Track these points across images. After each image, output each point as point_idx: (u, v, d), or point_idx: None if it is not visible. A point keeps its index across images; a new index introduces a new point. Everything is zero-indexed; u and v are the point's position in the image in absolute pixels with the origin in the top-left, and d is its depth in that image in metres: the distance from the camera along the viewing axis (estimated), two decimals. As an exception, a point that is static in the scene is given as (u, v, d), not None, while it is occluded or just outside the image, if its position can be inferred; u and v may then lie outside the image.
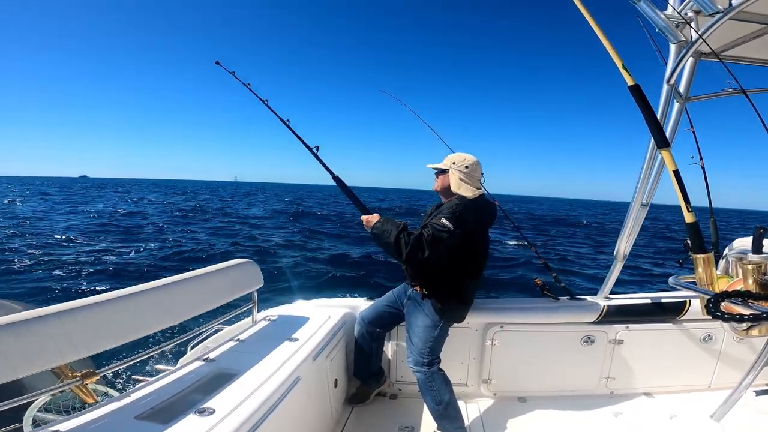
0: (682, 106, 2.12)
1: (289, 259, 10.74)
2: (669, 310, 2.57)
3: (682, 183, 1.65)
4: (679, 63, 1.93)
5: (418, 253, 1.93)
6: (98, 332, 1.34)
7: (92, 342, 1.32)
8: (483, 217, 2.16)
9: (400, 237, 1.95)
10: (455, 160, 2.18)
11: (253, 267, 2.28)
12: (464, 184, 2.14)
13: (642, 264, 11.82)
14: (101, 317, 1.37)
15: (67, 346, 1.25)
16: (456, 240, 1.98)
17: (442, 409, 2.11)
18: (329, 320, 2.40)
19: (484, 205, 2.19)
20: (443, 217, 1.97)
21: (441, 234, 1.94)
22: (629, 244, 2.46)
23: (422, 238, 1.94)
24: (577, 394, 2.62)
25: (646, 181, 2.26)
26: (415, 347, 2.16)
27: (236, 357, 1.85)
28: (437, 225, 1.95)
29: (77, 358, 1.28)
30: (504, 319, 2.53)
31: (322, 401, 2.17)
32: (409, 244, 1.92)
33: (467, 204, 2.05)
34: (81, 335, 1.29)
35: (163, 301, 1.62)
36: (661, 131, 1.79)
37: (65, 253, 10.71)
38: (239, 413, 1.36)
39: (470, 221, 2.02)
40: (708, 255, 1.63)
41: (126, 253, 10.97)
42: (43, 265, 9.06)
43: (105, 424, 1.28)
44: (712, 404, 1.78)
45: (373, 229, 2.07)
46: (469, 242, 2.06)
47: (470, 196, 2.10)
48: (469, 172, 2.15)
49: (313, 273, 9.28)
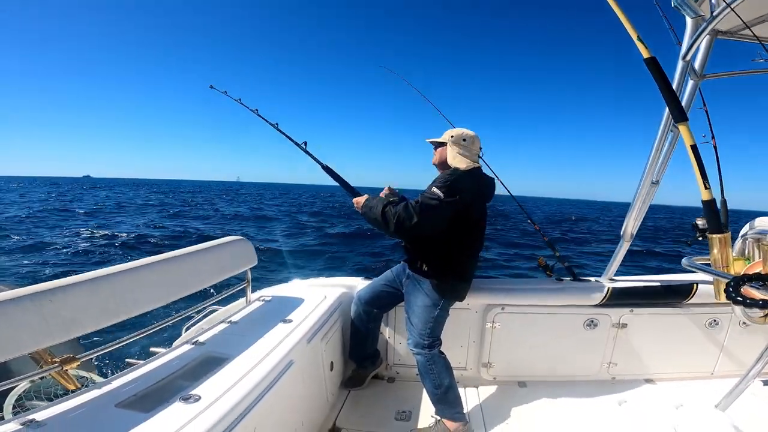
0: (697, 83, 2.04)
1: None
2: (675, 293, 2.49)
3: (699, 158, 1.55)
4: (696, 39, 1.82)
5: (406, 221, 1.88)
6: (76, 315, 1.25)
7: (69, 326, 1.23)
8: (479, 189, 2.08)
9: (386, 209, 1.95)
10: (453, 134, 2.12)
11: (246, 244, 2.19)
12: (460, 157, 2.07)
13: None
14: (79, 299, 1.28)
15: (42, 331, 1.16)
16: (448, 210, 1.91)
17: (441, 393, 2.06)
18: (325, 300, 2.32)
19: (480, 177, 2.12)
20: (434, 186, 1.92)
21: (430, 201, 1.88)
22: (637, 224, 2.36)
23: (409, 206, 1.90)
24: (579, 379, 2.57)
25: (658, 157, 2.14)
26: (415, 328, 2.10)
27: (227, 340, 1.78)
28: (427, 193, 1.92)
29: (52, 343, 1.20)
30: (505, 301, 2.45)
31: (317, 385, 2.11)
32: (396, 214, 1.90)
33: (461, 174, 1.98)
34: (57, 318, 1.20)
35: (148, 281, 1.53)
36: (679, 105, 1.69)
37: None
38: (227, 400, 1.29)
39: (465, 192, 1.94)
40: (725, 235, 1.54)
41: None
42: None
43: (83, 413, 1.21)
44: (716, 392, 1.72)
45: (362, 208, 2.09)
46: (463, 214, 1.98)
47: (464, 168, 2.02)
48: (466, 146, 2.09)
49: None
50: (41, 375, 1.33)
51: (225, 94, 2.68)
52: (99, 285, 1.35)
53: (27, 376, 1.28)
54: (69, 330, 1.23)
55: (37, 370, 1.32)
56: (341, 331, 2.49)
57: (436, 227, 1.96)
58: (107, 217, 21.01)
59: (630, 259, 9.59)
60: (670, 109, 1.66)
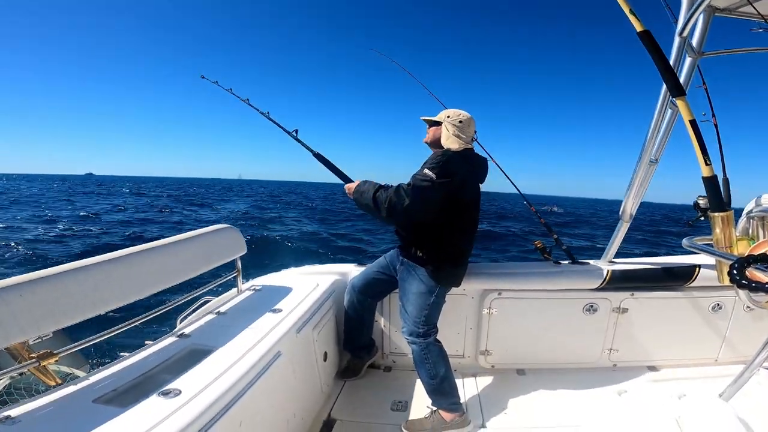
0: (695, 61, 1.96)
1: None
2: (677, 276, 2.43)
3: (699, 133, 1.47)
4: (693, 14, 1.73)
5: (398, 205, 1.84)
6: (48, 310, 1.20)
7: (42, 321, 1.19)
8: (472, 170, 2.03)
9: (378, 194, 1.92)
10: (450, 114, 2.06)
11: (235, 232, 2.14)
12: (453, 138, 2.01)
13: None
14: (51, 293, 1.23)
15: (12, 326, 1.12)
16: (441, 192, 1.86)
17: (437, 383, 2.01)
18: (317, 289, 2.27)
19: (473, 158, 2.07)
20: (426, 168, 1.87)
21: (422, 183, 1.84)
22: (636, 204, 2.30)
23: (401, 189, 1.86)
24: (579, 366, 2.52)
25: (656, 135, 2.07)
26: (410, 316, 2.05)
27: (213, 331, 1.74)
28: (419, 175, 1.88)
29: (23, 339, 1.16)
30: (502, 285, 2.40)
31: (309, 376, 2.07)
32: (388, 198, 1.87)
33: (452, 155, 1.93)
34: (28, 314, 1.16)
35: (126, 273, 1.47)
36: (676, 79, 1.61)
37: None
38: (208, 394, 1.24)
39: (457, 173, 1.89)
40: (728, 213, 1.47)
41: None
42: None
43: (59, 409, 1.17)
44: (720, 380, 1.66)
45: (354, 194, 2.04)
46: (456, 196, 1.92)
47: (456, 148, 1.98)
48: (462, 127, 2.03)
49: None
50: (18, 371, 1.29)
51: (216, 84, 2.63)
52: (73, 277, 1.30)
53: (2, 372, 1.25)
54: (40, 325, 1.18)
55: (12, 367, 1.28)
56: (335, 320, 2.45)
57: (429, 210, 1.90)
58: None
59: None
60: (666, 83, 1.58)
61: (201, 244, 1.89)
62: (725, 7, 1.88)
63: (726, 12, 1.91)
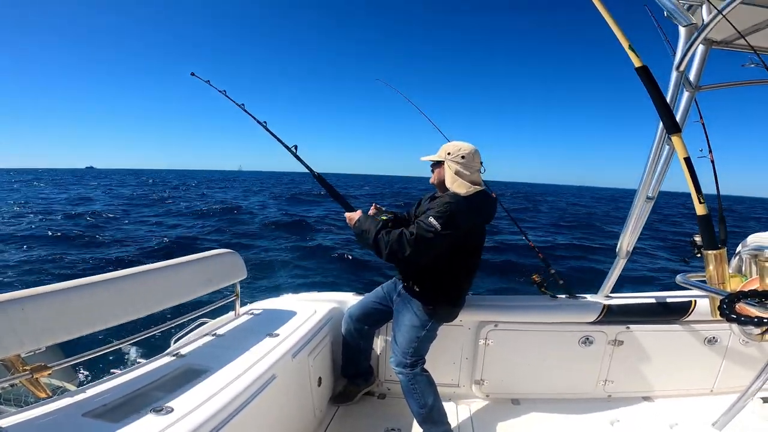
0: (692, 95, 1.98)
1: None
2: (673, 310, 2.43)
3: (693, 172, 1.52)
4: (689, 48, 1.79)
5: (398, 253, 1.79)
6: (48, 324, 1.23)
7: (41, 335, 1.21)
8: (479, 216, 1.96)
9: (379, 237, 1.85)
10: (450, 150, 1.98)
11: (235, 257, 2.15)
12: (459, 179, 1.93)
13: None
14: (52, 308, 1.25)
15: (11, 339, 1.14)
16: (445, 241, 1.81)
17: (426, 412, 1.99)
18: (314, 315, 2.27)
19: (481, 202, 1.96)
20: (431, 216, 1.80)
21: (426, 234, 1.77)
22: (633, 240, 2.32)
23: (403, 237, 1.80)
24: (574, 397, 2.49)
25: (653, 172, 2.11)
26: (399, 347, 2.04)
27: (209, 353, 1.74)
28: (424, 224, 1.80)
29: (21, 351, 1.17)
30: (498, 318, 2.40)
31: (303, 400, 2.05)
32: (389, 244, 1.81)
33: (460, 202, 1.85)
34: (27, 327, 1.18)
35: (127, 292, 1.49)
36: (672, 116, 1.65)
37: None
38: (200, 413, 1.24)
39: (462, 222, 1.83)
40: (720, 251, 1.50)
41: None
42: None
43: (48, 421, 1.17)
44: (714, 410, 1.65)
45: (354, 229, 1.99)
46: (460, 243, 1.89)
47: (464, 194, 1.89)
48: (465, 163, 1.94)
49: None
50: (10, 382, 1.29)
51: (208, 83, 2.44)
52: (76, 294, 1.33)
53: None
54: (39, 339, 1.20)
55: (5, 378, 1.27)
56: (330, 347, 2.43)
57: (430, 258, 1.87)
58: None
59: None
60: (662, 120, 1.63)
61: (202, 267, 1.91)
62: (722, 39, 1.91)
63: (723, 45, 1.93)
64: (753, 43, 1.68)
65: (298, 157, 2.28)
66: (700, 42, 1.79)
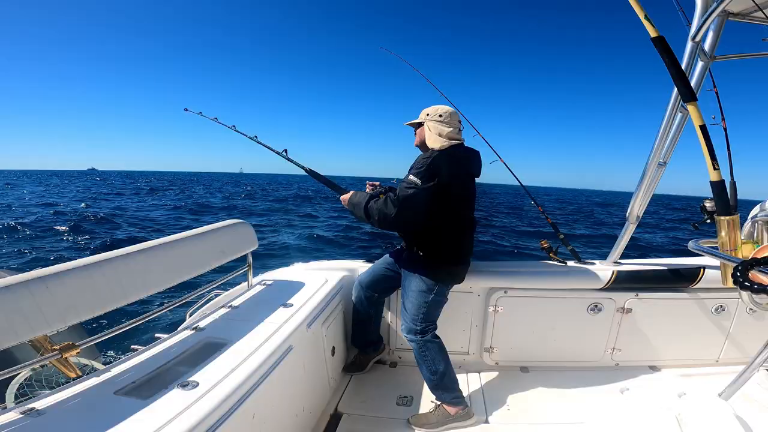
0: (707, 65, 1.96)
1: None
2: (682, 277, 2.44)
3: (708, 139, 1.50)
4: (706, 19, 1.74)
5: (388, 216, 1.89)
6: (72, 302, 1.24)
7: (65, 313, 1.23)
8: (459, 167, 2.00)
9: (369, 206, 1.97)
10: (429, 111, 2.07)
11: (247, 227, 2.18)
12: (435, 137, 2.00)
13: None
14: (75, 285, 1.27)
15: (37, 318, 1.16)
16: (428, 195, 1.87)
17: (438, 379, 2.05)
18: (326, 284, 2.31)
19: (460, 154, 2.02)
20: (411, 174, 1.89)
21: (408, 191, 1.86)
22: (643, 206, 2.31)
23: (388, 199, 1.91)
24: (582, 365, 2.55)
25: (665, 138, 2.08)
26: (408, 313, 2.09)
27: (227, 325, 1.78)
28: (405, 182, 1.90)
29: (48, 330, 1.20)
30: (508, 284, 2.43)
31: (318, 370, 2.12)
32: (377, 210, 1.92)
33: (436, 156, 1.91)
34: (52, 306, 1.19)
35: (145, 266, 1.51)
36: (688, 84, 1.63)
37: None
38: (224, 386, 1.29)
39: (443, 174, 1.87)
40: (734, 217, 1.49)
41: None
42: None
43: (82, 400, 1.21)
44: (720, 380, 1.68)
45: (348, 206, 2.11)
46: (447, 195, 1.92)
47: (438, 147, 1.96)
48: (443, 121, 2.01)
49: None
50: (41, 363, 1.34)
51: (200, 114, 2.69)
52: (96, 271, 1.34)
53: (26, 364, 1.28)
54: (65, 317, 1.22)
55: (36, 359, 1.32)
56: (343, 315, 2.49)
57: (419, 215, 1.92)
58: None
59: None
60: (678, 88, 1.60)
61: (214, 239, 1.93)
62: (738, 11, 1.88)
63: (739, 17, 1.91)
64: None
65: (289, 159, 2.47)
66: (717, 14, 1.74)
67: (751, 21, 1.91)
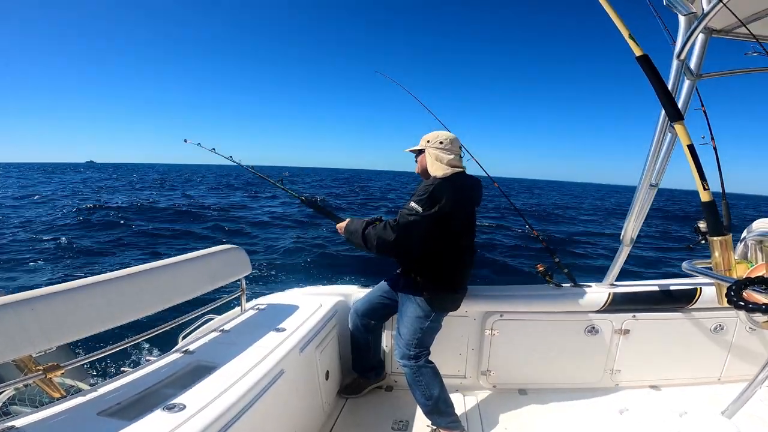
0: (693, 83, 1.99)
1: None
2: (679, 298, 2.43)
3: (697, 158, 1.51)
4: (690, 37, 1.78)
5: (386, 242, 1.88)
6: (58, 324, 1.23)
7: (51, 334, 1.21)
8: (462, 196, 1.99)
9: (366, 232, 1.95)
10: (429, 138, 2.07)
11: (240, 253, 2.17)
12: (437, 164, 2.00)
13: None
14: (61, 308, 1.26)
15: (21, 339, 1.15)
16: (429, 223, 1.86)
17: (432, 404, 2.01)
18: (320, 309, 2.28)
19: (461, 182, 2.01)
20: (413, 201, 1.88)
21: (409, 218, 1.86)
22: (637, 228, 2.31)
23: (387, 225, 1.91)
24: (580, 387, 2.50)
25: (656, 159, 2.10)
26: (403, 339, 2.06)
27: (218, 349, 1.75)
28: (406, 209, 1.89)
29: (32, 351, 1.18)
30: (503, 308, 2.41)
31: (311, 394, 2.07)
32: (376, 236, 1.91)
33: (438, 184, 1.90)
34: (38, 327, 1.18)
35: (135, 290, 1.50)
36: (674, 104, 1.65)
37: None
38: (211, 409, 1.26)
39: (444, 202, 1.87)
40: (726, 237, 1.49)
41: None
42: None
43: (64, 420, 1.18)
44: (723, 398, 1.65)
45: (344, 234, 2.09)
46: (447, 223, 1.92)
47: (441, 175, 1.95)
48: (444, 148, 2.02)
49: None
50: (24, 383, 1.31)
51: (199, 145, 2.74)
52: (84, 293, 1.34)
53: (8, 384, 1.26)
54: (50, 338, 1.21)
55: (19, 378, 1.29)
56: (337, 340, 2.45)
57: (418, 243, 1.92)
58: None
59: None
60: (665, 108, 1.62)
61: (207, 263, 1.92)
62: (722, 28, 1.91)
63: (723, 33, 1.93)
64: (754, 32, 1.67)
65: (285, 189, 2.58)
66: (700, 31, 1.78)
67: (735, 38, 1.94)
